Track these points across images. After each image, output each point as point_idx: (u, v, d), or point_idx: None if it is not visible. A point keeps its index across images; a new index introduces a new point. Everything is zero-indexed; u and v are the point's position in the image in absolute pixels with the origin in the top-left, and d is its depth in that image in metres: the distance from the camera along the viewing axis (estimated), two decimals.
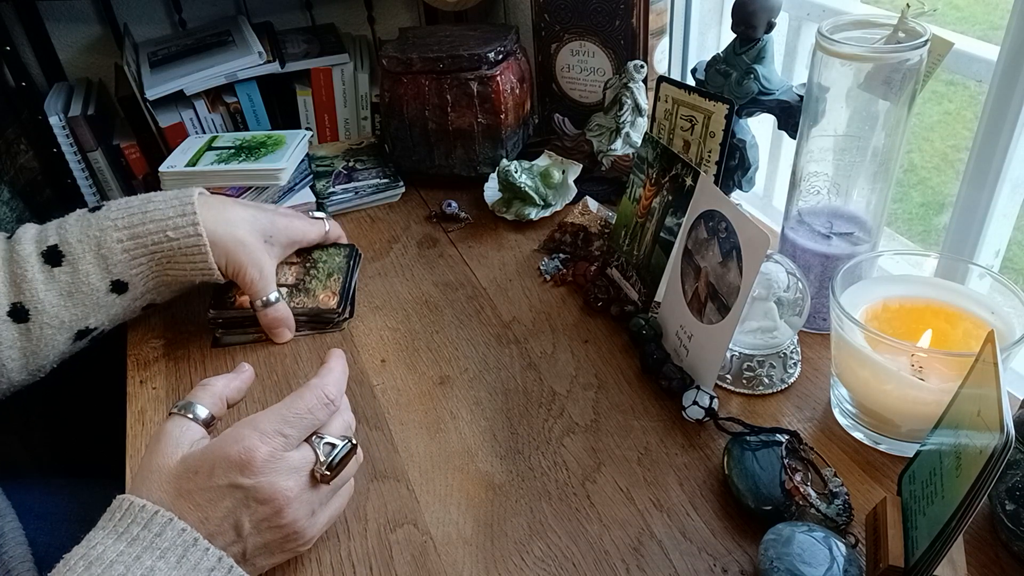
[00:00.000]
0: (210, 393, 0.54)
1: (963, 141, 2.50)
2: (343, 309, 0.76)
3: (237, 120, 1.07)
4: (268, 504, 0.48)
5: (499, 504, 0.57)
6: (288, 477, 0.49)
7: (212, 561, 0.45)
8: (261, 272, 0.71)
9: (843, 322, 0.55)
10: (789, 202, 0.70)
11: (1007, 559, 0.50)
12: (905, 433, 0.57)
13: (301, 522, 0.50)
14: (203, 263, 0.68)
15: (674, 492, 0.57)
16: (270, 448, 0.48)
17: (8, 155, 1.07)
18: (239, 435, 0.48)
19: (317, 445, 0.51)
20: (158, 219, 0.67)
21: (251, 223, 0.72)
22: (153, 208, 0.67)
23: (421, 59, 0.93)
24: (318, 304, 0.75)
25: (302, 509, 0.50)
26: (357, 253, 0.84)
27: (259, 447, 0.48)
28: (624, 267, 0.75)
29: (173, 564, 0.44)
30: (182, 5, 1.15)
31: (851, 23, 0.62)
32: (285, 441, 0.49)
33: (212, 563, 0.45)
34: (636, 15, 0.91)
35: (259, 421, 0.50)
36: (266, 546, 0.49)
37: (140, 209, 0.67)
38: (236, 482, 0.47)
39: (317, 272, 0.78)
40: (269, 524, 0.48)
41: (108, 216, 0.66)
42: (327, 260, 0.80)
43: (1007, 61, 0.62)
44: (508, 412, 0.65)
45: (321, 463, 0.50)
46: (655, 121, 0.80)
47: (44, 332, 0.65)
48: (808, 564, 0.46)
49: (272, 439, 0.49)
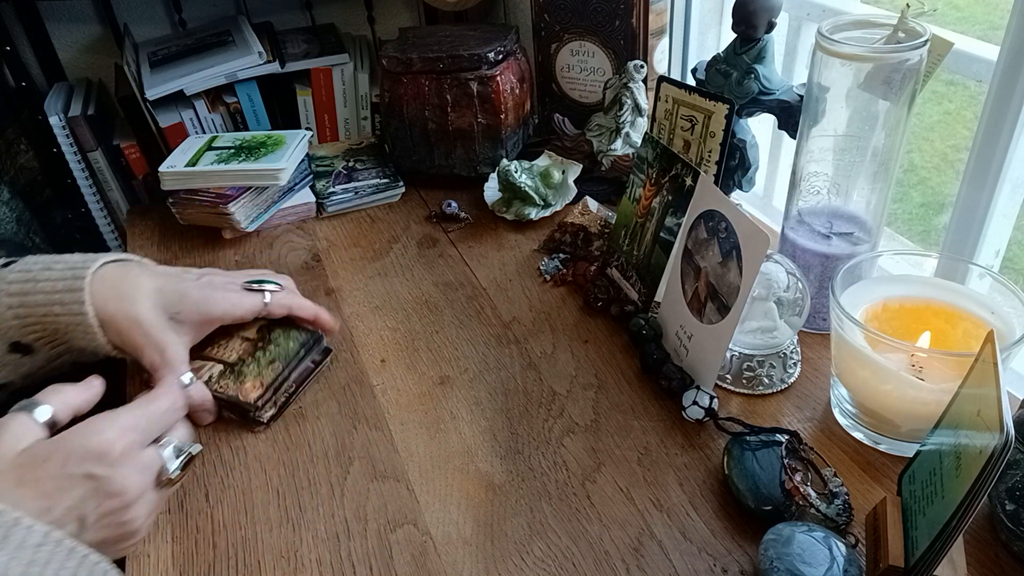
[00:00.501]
0: (61, 398, 0.52)
1: (963, 141, 2.50)
2: (263, 405, 0.64)
3: (237, 120, 1.07)
4: (117, 497, 0.48)
5: (499, 504, 0.57)
6: (140, 474, 0.49)
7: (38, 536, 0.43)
8: (163, 354, 0.61)
9: (843, 322, 0.55)
10: (789, 202, 0.70)
11: (1007, 559, 0.50)
12: (905, 433, 0.57)
13: (139, 521, 0.50)
14: (94, 343, 0.60)
15: (674, 492, 0.57)
16: (128, 442, 0.49)
17: (8, 155, 1.06)
18: (98, 427, 0.49)
19: (163, 449, 0.52)
20: (47, 291, 0.60)
21: (154, 298, 0.62)
22: (46, 278, 0.60)
23: (421, 59, 0.93)
24: (238, 393, 0.64)
25: (144, 508, 0.50)
26: (319, 343, 0.71)
27: (119, 439, 0.48)
28: (624, 267, 0.75)
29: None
30: (182, 5, 1.15)
31: (851, 23, 0.62)
32: (141, 439, 0.50)
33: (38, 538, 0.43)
34: (636, 15, 0.91)
35: (118, 416, 0.50)
36: (102, 542, 0.48)
37: (35, 277, 0.60)
38: (91, 471, 0.47)
39: (262, 355, 0.67)
40: (112, 519, 0.48)
41: (5, 278, 0.60)
42: (280, 344, 0.68)
43: (1007, 61, 0.62)
44: (508, 412, 0.65)
45: (167, 467, 0.51)
46: (655, 121, 0.80)
47: None
48: (808, 564, 0.46)
49: (130, 434, 0.49)
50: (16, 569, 0.42)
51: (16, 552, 0.42)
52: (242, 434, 0.65)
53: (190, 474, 0.61)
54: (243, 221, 0.91)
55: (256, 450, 0.63)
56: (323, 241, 0.92)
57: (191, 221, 0.94)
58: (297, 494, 0.59)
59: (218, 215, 0.90)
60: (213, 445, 0.64)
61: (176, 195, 0.93)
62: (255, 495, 0.59)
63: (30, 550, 0.43)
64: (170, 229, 0.96)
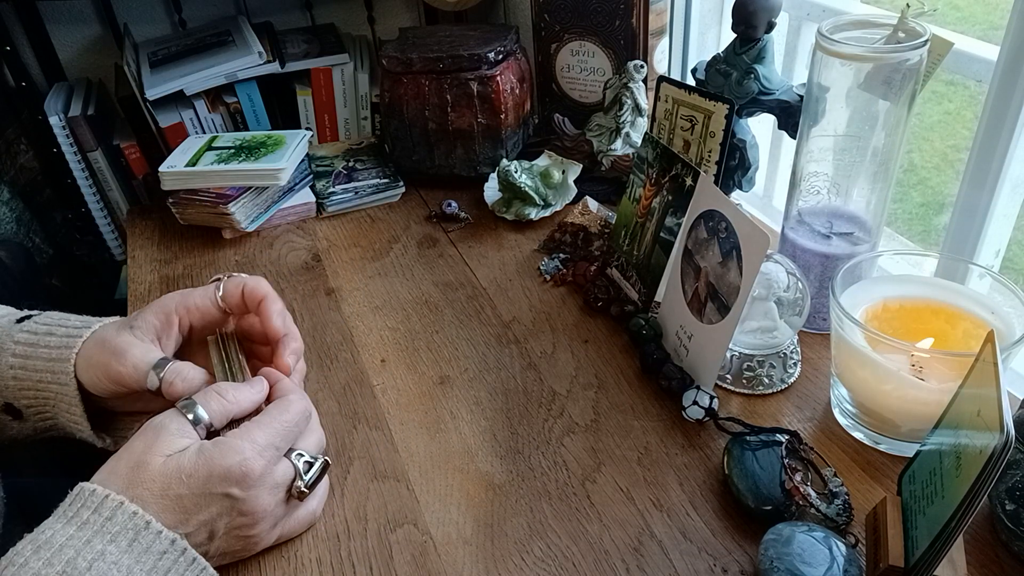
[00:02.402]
0: (219, 405, 0.52)
1: (963, 141, 2.50)
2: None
3: (237, 120, 1.07)
4: (248, 516, 0.49)
5: (499, 504, 0.57)
6: (271, 493, 0.50)
7: (165, 544, 0.45)
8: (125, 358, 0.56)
9: (843, 322, 0.55)
10: (789, 202, 0.70)
11: (1007, 559, 0.50)
12: (905, 433, 0.57)
13: (263, 535, 0.51)
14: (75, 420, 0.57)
15: (674, 492, 0.57)
16: (265, 462, 0.49)
17: (8, 155, 1.07)
18: (238, 447, 0.48)
19: (297, 461, 0.52)
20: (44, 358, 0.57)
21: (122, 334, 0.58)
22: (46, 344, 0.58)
23: (421, 59, 0.93)
24: None
25: (268, 522, 0.51)
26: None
27: (257, 460, 0.48)
28: (624, 267, 0.75)
29: (124, 548, 0.44)
30: (182, 5, 1.15)
31: (851, 23, 0.62)
32: (276, 455, 0.50)
33: (165, 546, 0.45)
34: (636, 15, 0.91)
35: (254, 435, 0.50)
36: (224, 553, 0.50)
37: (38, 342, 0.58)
38: (230, 492, 0.48)
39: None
40: (239, 534, 0.50)
41: (13, 336, 0.58)
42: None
43: (1007, 61, 0.62)
44: (508, 412, 0.65)
45: (301, 480, 0.52)
46: (655, 121, 0.80)
47: None
48: (808, 564, 0.46)
49: (266, 452, 0.49)
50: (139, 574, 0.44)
51: (141, 556, 0.44)
52: None
53: None
54: (243, 221, 0.91)
55: None
56: (323, 241, 0.92)
57: (191, 221, 0.94)
58: None
59: (218, 215, 0.90)
60: None
61: (176, 195, 0.93)
62: None
63: (154, 556, 0.44)
64: (170, 229, 0.96)
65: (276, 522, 0.52)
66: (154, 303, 0.60)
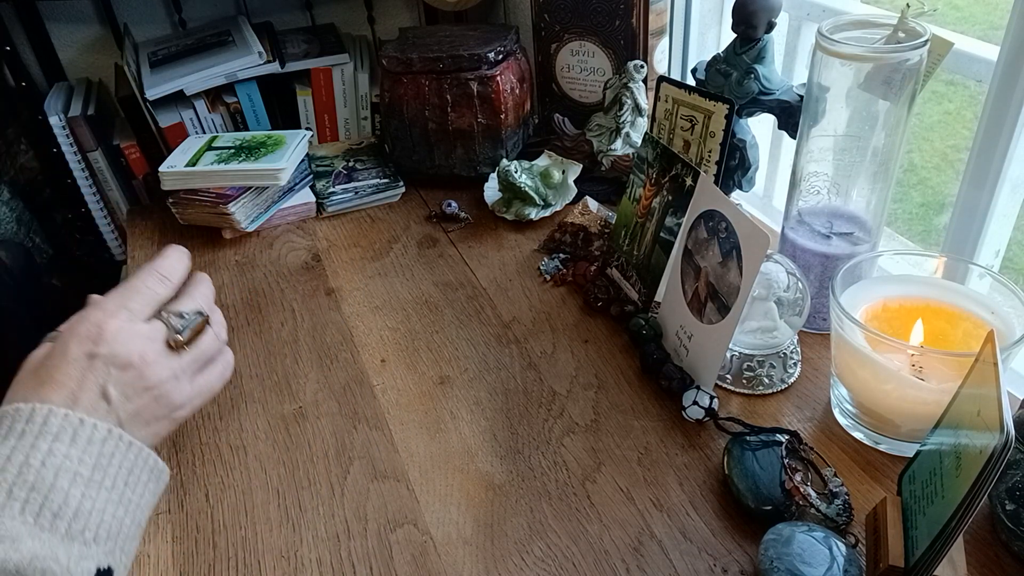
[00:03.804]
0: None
1: (963, 141, 2.50)
2: None
3: (237, 120, 1.07)
4: (128, 369, 0.49)
5: (499, 504, 0.57)
6: (142, 343, 0.51)
7: (103, 432, 0.47)
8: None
9: (843, 322, 0.55)
10: (789, 202, 0.70)
11: (1007, 559, 0.50)
12: (905, 433, 0.57)
13: (167, 384, 0.51)
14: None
15: (674, 492, 0.57)
16: (117, 320, 0.50)
17: (8, 155, 1.07)
18: (84, 315, 0.51)
19: (167, 318, 0.53)
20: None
21: None
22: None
23: (421, 59, 0.93)
24: None
25: (164, 371, 0.51)
26: None
27: (107, 320, 0.50)
28: (624, 267, 0.75)
29: (67, 443, 0.45)
30: (182, 5, 1.15)
31: (851, 23, 0.62)
32: (130, 314, 0.51)
33: (103, 434, 0.47)
34: (636, 15, 0.91)
35: (101, 302, 0.52)
36: (138, 413, 0.50)
37: None
38: (91, 351, 0.49)
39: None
40: (135, 388, 0.50)
41: None
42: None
43: (1007, 61, 0.62)
44: (508, 412, 0.65)
45: (173, 331, 0.53)
46: (655, 121, 0.80)
47: None
48: (808, 564, 0.46)
49: (117, 313, 0.51)
50: (89, 461, 0.46)
51: (87, 447, 0.46)
52: (242, 434, 0.65)
53: (190, 473, 0.61)
54: (243, 221, 0.91)
55: (256, 450, 0.63)
56: (323, 241, 0.92)
57: (191, 221, 0.94)
58: (297, 494, 0.59)
59: (218, 215, 0.90)
60: (213, 445, 0.64)
61: (176, 195, 0.93)
62: (255, 495, 0.59)
63: (97, 444, 0.46)
64: (170, 229, 0.96)
65: (175, 374, 0.52)
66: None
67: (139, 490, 0.49)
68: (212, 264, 0.89)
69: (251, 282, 0.85)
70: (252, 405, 0.68)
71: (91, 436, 0.46)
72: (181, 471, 0.62)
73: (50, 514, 0.43)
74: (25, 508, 0.43)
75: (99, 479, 0.46)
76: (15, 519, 0.42)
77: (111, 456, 0.47)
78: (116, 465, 0.48)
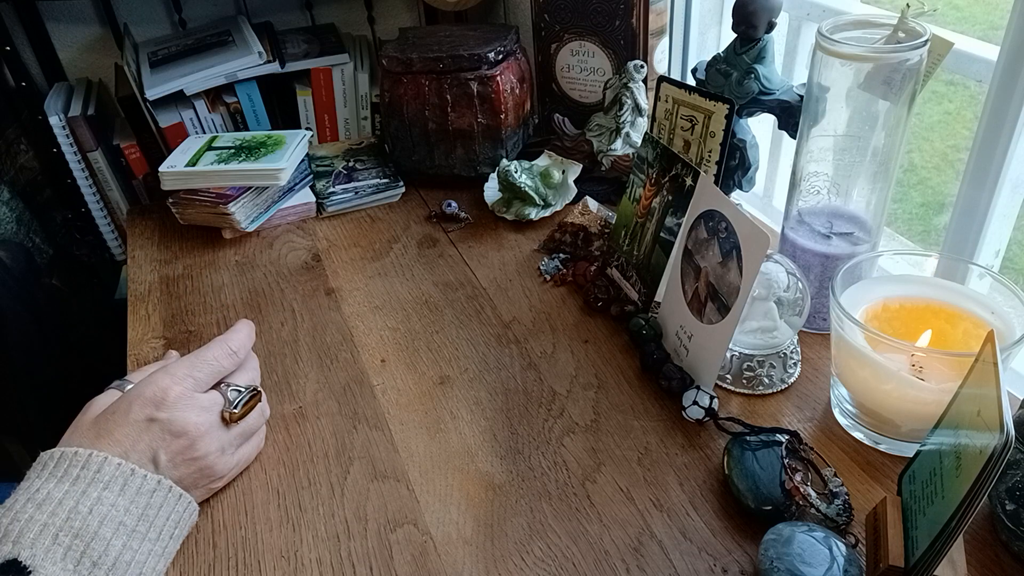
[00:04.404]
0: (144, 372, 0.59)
1: (963, 141, 2.50)
2: None
3: (237, 120, 1.07)
4: (182, 437, 0.53)
5: (499, 504, 0.57)
6: (199, 414, 0.54)
7: (152, 484, 0.50)
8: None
9: (843, 322, 0.55)
10: (789, 202, 0.70)
11: (1007, 559, 0.50)
12: (905, 433, 0.57)
13: (212, 456, 0.55)
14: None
15: (674, 492, 0.57)
16: (182, 388, 0.54)
17: (8, 155, 1.07)
18: (152, 379, 0.54)
19: (225, 391, 0.57)
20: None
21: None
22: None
23: (421, 59, 0.93)
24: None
25: (213, 444, 0.55)
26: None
27: (172, 386, 0.54)
28: (624, 267, 0.75)
29: (117, 492, 0.49)
30: (182, 5, 1.15)
31: (851, 23, 0.62)
32: (195, 383, 0.55)
33: (152, 486, 0.50)
34: (636, 15, 0.91)
35: (170, 367, 0.55)
36: (181, 480, 0.53)
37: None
38: (152, 416, 0.52)
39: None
40: (184, 457, 0.53)
41: None
42: None
43: (1007, 61, 0.62)
44: (508, 412, 0.65)
45: (229, 404, 0.56)
46: (655, 121, 0.80)
47: None
48: (808, 564, 0.46)
49: (183, 381, 0.54)
50: (135, 511, 0.49)
51: (135, 498, 0.49)
52: None
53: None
54: (243, 221, 0.91)
55: None
56: (323, 241, 0.92)
57: (191, 221, 0.94)
58: (297, 494, 0.59)
59: (218, 215, 0.90)
60: None
61: (176, 195, 0.93)
62: (255, 495, 0.59)
63: (146, 495, 0.50)
64: (170, 229, 0.96)
65: (223, 447, 0.56)
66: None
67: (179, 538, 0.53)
68: (212, 264, 0.89)
69: (251, 282, 0.85)
70: None
71: (140, 487, 0.50)
72: None
73: (89, 563, 0.46)
74: (67, 555, 0.45)
75: (143, 530, 0.49)
76: (56, 564, 0.45)
77: (159, 507, 0.50)
78: (164, 517, 0.51)
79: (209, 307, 0.81)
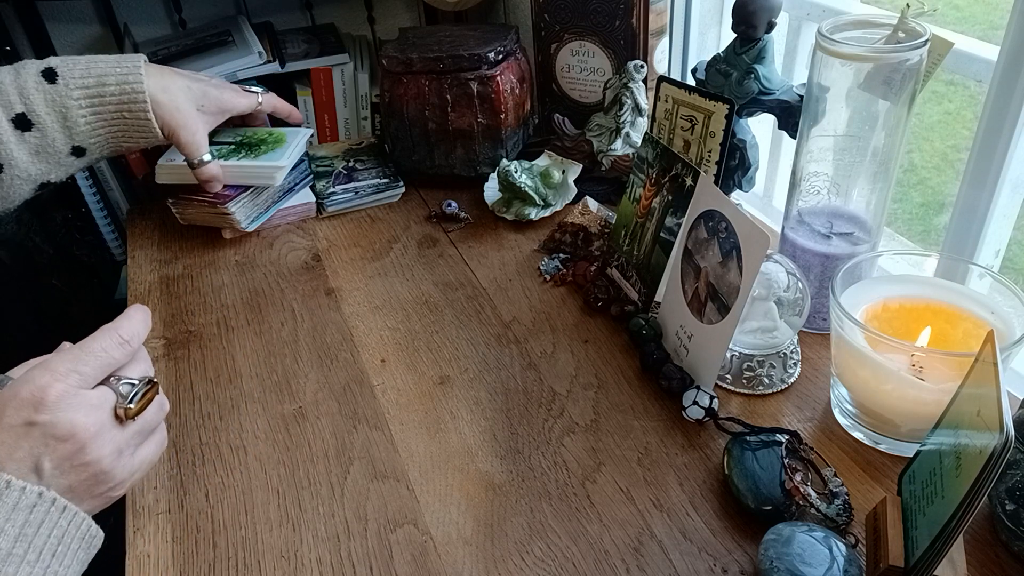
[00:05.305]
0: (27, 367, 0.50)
1: (963, 141, 2.50)
2: None
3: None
4: (68, 441, 0.46)
5: (499, 504, 0.57)
6: (88, 414, 0.47)
7: (32, 498, 0.43)
8: (193, 136, 0.82)
9: (843, 322, 0.55)
10: (789, 202, 0.70)
11: (1007, 559, 0.50)
12: (905, 433, 0.57)
13: (107, 460, 0.47)
14: (147, 129, 0.79)
15: (674, 492, 0.57)
16: (64, 385, 0.46)
17: None
18: (30, 376, 0.46)
19: (116, 385, 0.49)
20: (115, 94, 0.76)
21: (186, 92, 0.82)
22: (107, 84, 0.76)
23: (421, 59, 0.93)
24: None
25: (107, 447, 0.47)
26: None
27: (52, 384, 0.46)
28: (624, 267, 0.75)
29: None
30: (182, 5, 1.15)
31: (851, 23, 0.62)
32: (80, 379, 0.47)
33: (32, 500, 0.43)
34: (636, 15, 0.91)
35: (51, 361, 0.48)
36: (71, 489, 0.46)
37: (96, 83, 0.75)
38: (30, 419, 0.45)
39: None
40: (72, 463, 0.46)
41: (69, 93, 0.74)
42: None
43: (1007, 61, 0.62)
44: (508, 412, 0.65)
45: (123, 399, 0.49)
46: (655, 121, 0.80)
47: (14, 183, 0.74)
48: (808, 564, 0.46)
49: (66, 377, 0.47)
50: (11, 532, 0.42)
51: (11, 515, 0.42)
52: (242, 434, 0.65)
53: (190, 473, 0.61)
54: (243, 221, 0.91)
55: (256, 450, 0.63)
56: (323, 241, 0.92)
57: (191, 221, 0.94)
58: (297, 494, 0.59)
59: (218, 215, 0.90)
60: (213, 445, 0.64)
61: (176, 195, 0.93)
62: (255, 495, 0.59)
63: (24, 511, 0.43)
64: (170, 229, 0.96)
65: (119, 448, 0.48)
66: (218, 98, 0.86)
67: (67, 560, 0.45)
68: (212, 264, 0.89)
69: (251, 282, 0.85)
70: (252, 405, 0.68)
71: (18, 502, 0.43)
72: (181, 471, 0.62)
73: None
74: None
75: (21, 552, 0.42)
76: None
77: (39, 524, 0.44)
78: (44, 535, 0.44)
79: (209, 307, 0.81)
